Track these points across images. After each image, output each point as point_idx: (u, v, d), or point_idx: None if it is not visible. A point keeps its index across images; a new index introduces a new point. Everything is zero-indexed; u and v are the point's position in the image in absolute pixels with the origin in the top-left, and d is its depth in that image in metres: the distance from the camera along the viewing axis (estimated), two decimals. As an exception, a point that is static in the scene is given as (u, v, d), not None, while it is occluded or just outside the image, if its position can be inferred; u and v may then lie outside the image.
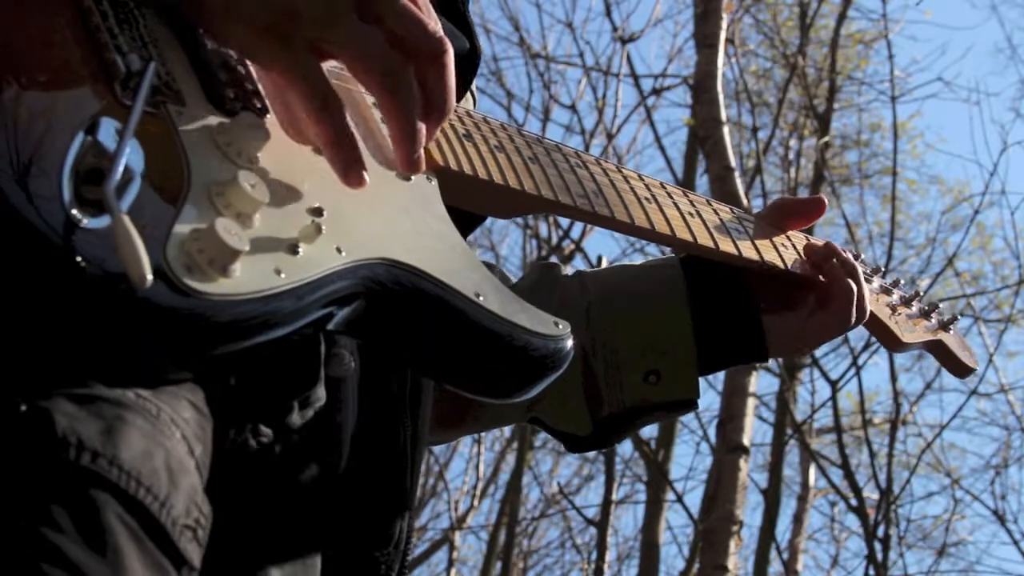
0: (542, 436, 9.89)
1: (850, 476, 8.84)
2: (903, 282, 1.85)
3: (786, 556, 10.25)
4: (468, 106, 1.47)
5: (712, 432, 8.03)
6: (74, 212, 0.90)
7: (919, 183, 13.39)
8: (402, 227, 1.14)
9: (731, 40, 9.09)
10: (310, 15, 1.06)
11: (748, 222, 1.67)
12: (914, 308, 1.82)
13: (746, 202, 7.56)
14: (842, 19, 10.97)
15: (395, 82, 1.10)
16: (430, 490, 13.07)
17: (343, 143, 1.09)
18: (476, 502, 11.79)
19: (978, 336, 10.48)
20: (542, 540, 13.86)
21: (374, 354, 1.24)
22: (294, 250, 1.00)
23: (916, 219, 13.71)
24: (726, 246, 1.58)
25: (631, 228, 1.50)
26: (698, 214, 1.60)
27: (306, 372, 1.16)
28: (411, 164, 1.14)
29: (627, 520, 20.20)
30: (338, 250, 1.03)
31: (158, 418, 0.99)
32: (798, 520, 12.14)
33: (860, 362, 8.41)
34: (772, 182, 11.13)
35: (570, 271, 1.77)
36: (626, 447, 9.93)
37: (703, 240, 1.56)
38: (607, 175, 1.52)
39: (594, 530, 8.54)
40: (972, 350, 1.87)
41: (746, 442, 7.28)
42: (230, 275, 0.94)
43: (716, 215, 1.63)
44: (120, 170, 0.92)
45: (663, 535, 8.23)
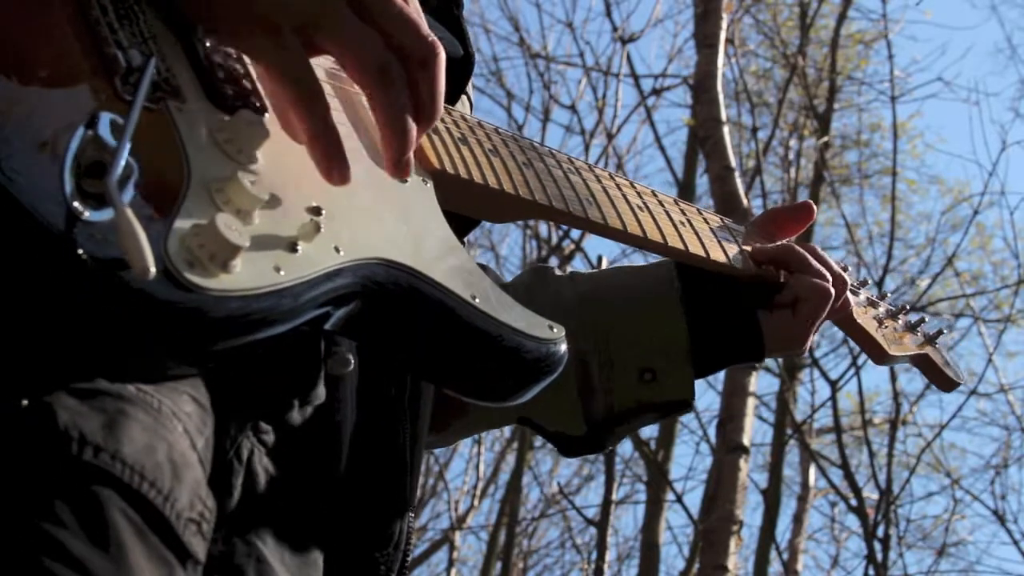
0: (542, 436, 9.87)
1: (850, 476, 8.85)
2: (890, 296, 1.86)
3: (786, 556, 10.26)
4: (464, 110, 1.47)
5: (712, 432, 8.05)
6: (75, 205, 0.90)
7: (919, 183, 13.42)
8: (400, 228, 1.14)
9: (731, 40, 9.10)
10: (301, 7, 1.06)
11: (738, 232, 1.68)
12: (900, 322, 1.84)
13: (746, 202, 7.56)
14: (842, 19, 10.98)
15: (386, 78, 1.09)
16: (430, 490, 13.08)
17: (324, 137, 1.07)
18: (476, 502, 11.80)
19: (978, 336, 10.53)
20: (542, 540, 13.89)
21: (370, 355, 1.24)
22: (293, 248, 1.00)
23: (916, 219, 13.75)
24: (717, 255, 1.59)
25: (623, 235, 1.50)
26: (689, 223, 1.60)
27: (307, 370, 1.16)
28: (398, 166, 1.13)
29: (627, 520, 20.24)
30: (336, 249, 1.03)
31: (160, 412, 0.99)
32: (798, 520, 12.15)
33: (860, 362, 8.42)
34: (772, 182, 11.15)
35: (569, 271, 1.76)
36: (626, 447, 9.94)
37: (694, 248, 1.57)
38: (599, 182, 1.52)
39: (594, 530, 8.53)
40: (958, 365, 1.89)
41: (746, 442, 7.28)
42: (231, 271, 0.94)
43: (707, 224, 1.64)
44: (122, 163, 0.92)
45: (663, 535, 8.24)
